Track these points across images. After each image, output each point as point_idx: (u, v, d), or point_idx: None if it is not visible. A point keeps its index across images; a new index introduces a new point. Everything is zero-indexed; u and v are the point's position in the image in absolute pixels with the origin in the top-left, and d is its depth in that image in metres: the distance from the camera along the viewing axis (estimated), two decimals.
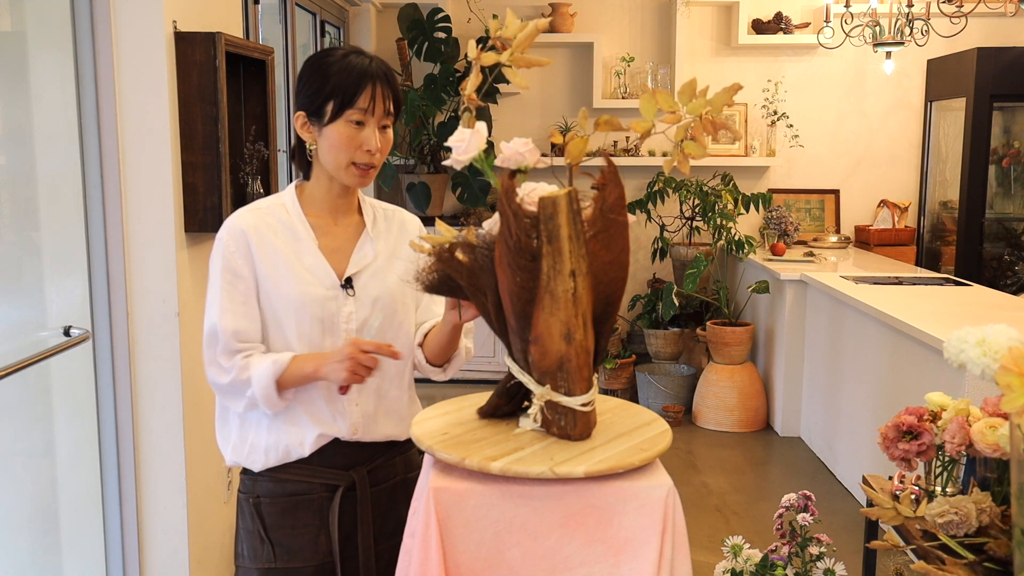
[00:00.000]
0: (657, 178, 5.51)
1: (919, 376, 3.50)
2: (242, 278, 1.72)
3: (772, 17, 5.84)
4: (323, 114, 1.70)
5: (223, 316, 1.70)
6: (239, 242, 1.73)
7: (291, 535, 1.78)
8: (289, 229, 1.76)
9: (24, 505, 2.59)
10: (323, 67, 1.72)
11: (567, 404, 1.40)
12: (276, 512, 1.79)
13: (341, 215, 1.81)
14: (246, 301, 1.72)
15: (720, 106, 1.33)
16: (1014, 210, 5.62)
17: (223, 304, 1.71)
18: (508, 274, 1.37)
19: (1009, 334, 1.41)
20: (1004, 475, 1.56)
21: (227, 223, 1.76)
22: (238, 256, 1.72)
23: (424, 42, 5.50)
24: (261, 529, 1.79)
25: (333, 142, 1.70)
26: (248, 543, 1.81)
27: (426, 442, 1.41)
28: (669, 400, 5.35)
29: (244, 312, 1.72)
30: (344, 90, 1.68)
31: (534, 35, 1.43)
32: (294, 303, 1.72)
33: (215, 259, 1.74)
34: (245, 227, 1.74)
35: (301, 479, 1.78)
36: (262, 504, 1.79)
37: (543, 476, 1.31)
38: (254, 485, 1.81)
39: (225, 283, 1.71)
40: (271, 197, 1.83)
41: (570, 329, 1.37)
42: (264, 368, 1.67)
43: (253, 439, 1.78)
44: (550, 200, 1.34)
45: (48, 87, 2.53)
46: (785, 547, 2.01)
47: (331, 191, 1.78)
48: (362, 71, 1.69)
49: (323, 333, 1.74)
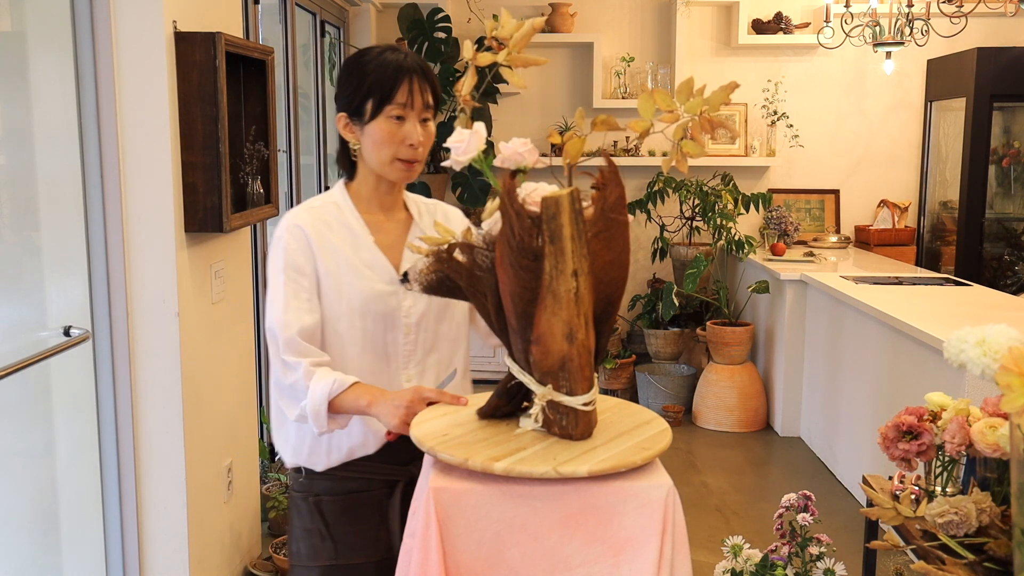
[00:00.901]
0: (657, 178, 5.51)
1: (919, 376, 3.50)
2: (305, 274, 1.74)
3: (772, 17, 5.84)
4: (363, 112, 1.73)
5: (287, 312, 1.71)
6: (299, 240, 1.74)
7: (352, 531, 1.79)
8: (345, 226, 1.79)
9: (24, 505, 2.59)
10: (360, 67, 1.75)
11: (569, 404, 1.40)
12: (337, 509, 1.80)
13: (390, 211, 1.84)
14: (310, 298, 1.73)
15: (717, 105, 1.32)
16: (1014, 210, 5.62)
17: (287, 301, 1.72)
18: (510, 274, 1.37)
19: (1009, 334, 1.41)
20: (1004, 475, 1.56)
21: (285, 222, 1.77)
22: (299, 253, 1.74)
23: (424, 42, 5.50)
24: (322, 526, 1.80)
25: (376, 139, 1.73)
26: (307, 541, 1.82)
27: (427, 444, 1.41)
28: (669, 400, 5.35)
29: (308, 308, 1.73)
30: (381, 86, 1.71)
31: (531, 34, 1.43)
32: (358, 299, 1.74)
33: (275, 257, 1.75)
34: (304, 225, 1.75)
35: (361, 476, 1.80)
36: (323, 502, 1.80)
37: (547, 476, 1.31)
38: (311, 483, 1.81)
39: (288, 280, 1.72)
40: (321, 196, 1.85)
41: (572, 329, 1.37)
42: (323, 384, 1.65)
43: (312, 442, 1.78)
44: (553, 200, 1.34)
45: (48, 87, 2.53)
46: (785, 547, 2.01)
47: (378, 189, 1.81)
48: (398, 66, 1.72)
49: (385, 328, 1.76)
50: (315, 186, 4.98)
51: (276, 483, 3.66)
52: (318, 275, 1.75)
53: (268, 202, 3.09)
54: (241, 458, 3.18)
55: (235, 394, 3.12)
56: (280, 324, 1.70)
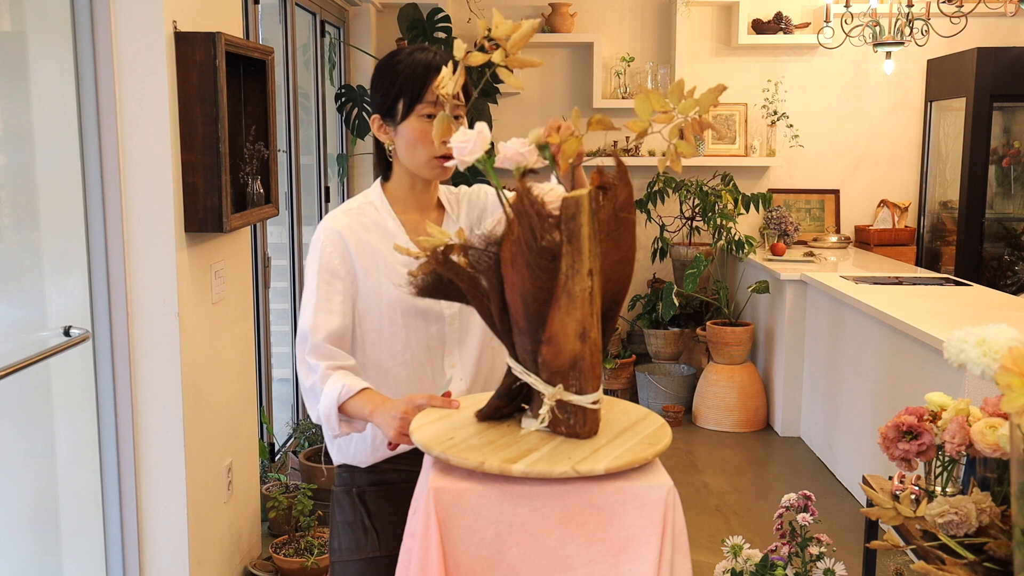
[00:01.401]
0: (657, 178, 5.51)
1: (919, 376, 3.50)
2: (339, 277, 1.76)
3: (772, 17, 5.84)
4: (395, 113, 1.75)
5: (316, 315, 1.73)
6: (336, 243, 1.77)
7: (395, 522, 1.80)
8: (382, 227, 1.81)
9: (24, 505, 2.59)
10: (390, 68, 1.77)
11: (578, 403, 1.40)
12: (380, 499, 1.83)
13: (427, 211, 1.86)
14: (344, 300, 1.75)
15: (707, 105, 1.33)
16: (1014, 210, 5.62)
17: (318, 303, 1.74)
18: (526, 275, 1.36)
19: (1009, 334, 1.41)
20: (1004, 475, 1.56)
21: (323, 225, 1.79)
22: (335, 256, 1.76)
23: (424, 42, 5.50)
24: (366, 518, 1.83)
25: (409, 139, 1.75)
26: (349, 535, 1.84)
27: (436, 448, 1.39)
28: (669, 400, 5.35)
29: (340, 311, 1.74)
30: (411, 85, 1.73)
31: (529, 36, 1.43)
32: (398, 298, 1.75)
33: (312, 260, 1.78)
34: (342, 228, 1.78)
35: (402, 468, 1.80)
36: (366, 493, 1.83)
37: (566, 476, 1.31)
38: (352, 477, 1.85)
39: (322, 282, 1.75)
40: (358, 197, 1.87)
41: (585, 328, 1.37)
42: (334, 389, 1.66)
43: (359, 437, 1.80)
44: (573, 200, 1.34)
45: (48, 87, 2.53)
46: (785, 547, 2.01)
47: (414, 188, 1.83)
48: (426, 64, 1.74)
49: (428, 323, 1.79)
50: (315, 186, 4.98)
51: (276, 483, 3.66)
52: (356, 277, 1.77)
53: (268, 202, 3.09)
54: (241, 458, 3.18)
55: (235, 394, 3.12)
56: (309, 327, 1.72)
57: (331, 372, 1.70)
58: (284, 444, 4.27)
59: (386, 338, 1.78)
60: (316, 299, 1.74)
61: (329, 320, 1.73)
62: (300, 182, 4.42)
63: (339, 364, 1.72)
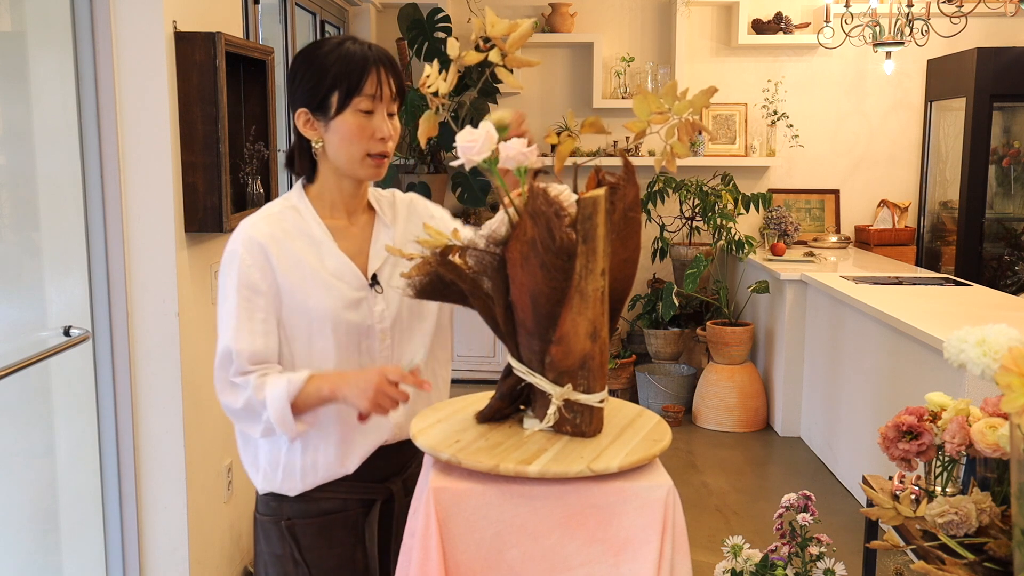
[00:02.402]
0: (657, 178, 5.51)
1: (919, 376, 3.50)
2: (260, 293, 1.61)
3: (772, 17, 5.84)
4: (328, 107, 1.61)
5: (238, 336, 1.59)
6: (256, 255, 1.62)
7: (327, 555, 1.69)
8: (306, 234, 1.66)
9: (24, 505, 2.59)
10: (319, 58, 1.63)
11: (585, 402, 1.41)
12: (312, 532, 1.68)
13: (355, 214, 1.73)
14: (265, 319, 1.61)
15: (699, 107, 1.34)
16: (1014, 210, 5.62)
17: (239, 323, 1.59)
18: (539, 275, 1.35)
19: (1009, 334, 1.41)
20: (1004, 475, 1.56)
21: (240, 235, 1.65)
22: (255, 270, 1.61)
23: (424, 42, 5.50)
24: (295, 551, 1.68)
25: (344, 135, 1.62)
26: (278, 568, 1.71)
27: (445, 452, 1.38)
28: (669, 400, 5.35)
29: (263, 330, 1.61)
30: (348, 78, 1.60)
31: (527, 36, 1.43)
32: (328, 312, 1.62)
33: (228, 274, 1.63)
34: (262, 238, 1.63)
35: (337, 496, 1.69)
36: (296, 526, 1.69)
37: (582, 475, 1.31)
38: (281, 506, 1.70)
39: (242, 300, 1.60)
40: (278, 201, 1.72)
41: (596, 327, 1.38)
42: (279, 389, 1.55)
43: (287, 463, 1.67)
44: (590, 200, 1.35)
45: (48, 87, 2.53)
46: (785, 547, 2.01)
47: (343, 190, 1.69)
48: (363, 57, 1.61)
49: (359, 337, 1.66)
50: None
51: None
52: (280, 292, 1.62)
53: (268, 202, 3.09)
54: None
55: None
56: (233, 349, 1.58)
57: (263, 380, 1.58)
58: None
59: (317, 355, 1.64)
60: (237, 319, 1.59)
61: (252, 341, 1.59)
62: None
63: (265, 371, 1.60)
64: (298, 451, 1.66)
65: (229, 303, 1.62)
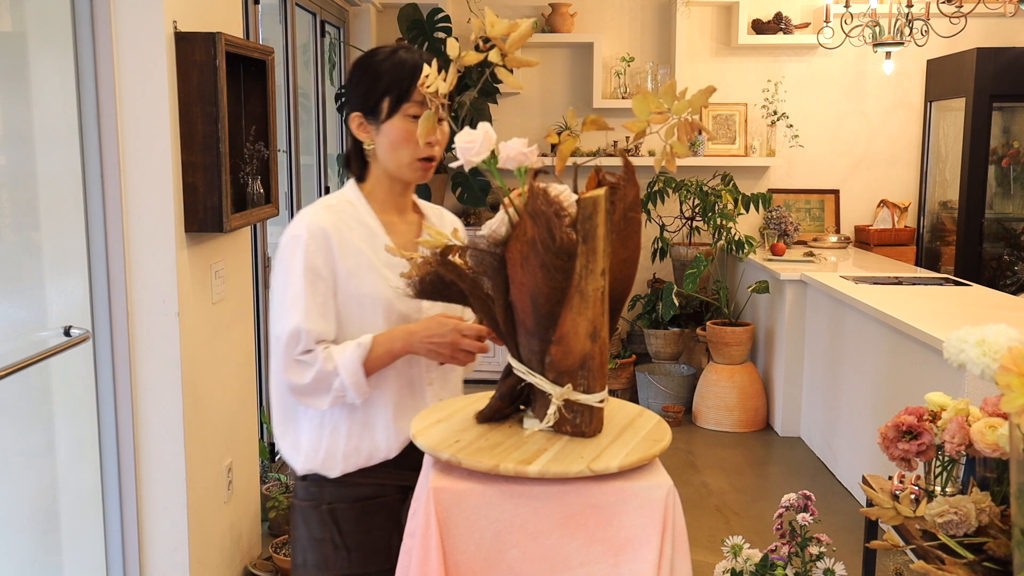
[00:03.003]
0: (657, 178, 5.51)
1: (919, 376, 3.50)
2: (322, 278, 1.71)
3: (772, 17, 5.84)
4: (379, 112, 1.72)
5: (308, 316, 1.68)
6: (320, 241, 1.71)
7: (366, 539, 1.76)
8: (363, 225, 1.77)
9: (24, 505, 2.59)
10: (373, 66, 1.73)
11: (585, 401, 1.41)
12: (352, 517, 1.76)
13: (403, 212, 1.84)
14: (325, 302, 1.71)
15: (698, 106, 1.34)
16: (1014, 210, 5.62)
17: (308, 305, 1.68)
18: (539, 275, 1.36)
19: (1009, 334, 1.41)
20: (1004, 475, 1.56)
21: (305, 221, 1.73)
22: (319, 255, 1.71)
23: (424, 42, 5.50)
24: (336, 535, 1.76)
25: (393, 139, 1.72)
26: (317, 552, 1.77)
27: (445, 452, 1.38)
28: (669, 400, 5.35)
29: (323, 312, 1.70)
30: (398, 85, 1.70)
31: (527, 36, 1.43)
32: (380, 298, 1.73)
33: (294, 258, 1.71)
34: (326, 225, 1.73)
35: (376, 482, 1.76)
36: (337, 510, 1.76)
37: (583, 475, 1.31)
38: (322, 491, 1.77)
39: (307, 283, 1.69)
40: (334, 195, 1.82)
41: (596, 327, 1.38)
42: (350, 353, 1.66)
43: (329, 447, 1.75)
44: (590, 200, 1.35)
45: (48, 87, 2.53)
46: (785, 547, 2.01)
47: (392, 189, 1.80)
48: (414, 64, 1.71)
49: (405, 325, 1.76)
50: (315, 186, 4.98)
51: (276, 483, 3.66)
52: (337, 277, 1.72)
53: (268, 202, 3.09)
54: (241, 458, 3.18)
55: (235, 394, 3.12)
56: (302, 328, 1.67)
57: (329, 351, 1.67)
58: None
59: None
60: (305, 300, 1.68)
61: (318, 322, 1.68)
62: (300, 182, 4.42)
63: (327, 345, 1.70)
64: (342, 436, 1.75)
65: (295, 285, 1.70)
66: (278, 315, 1.71)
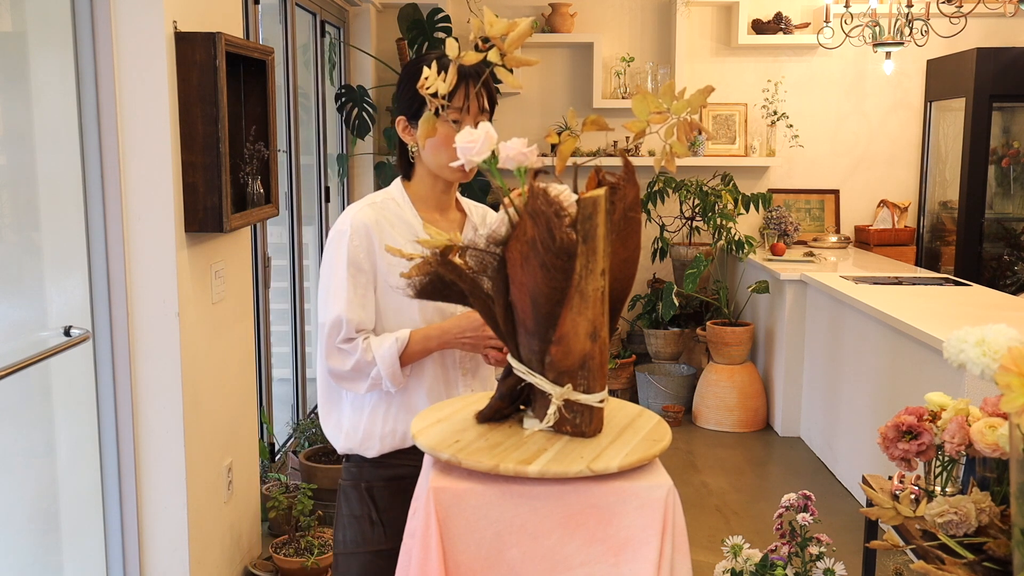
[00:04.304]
0: (657, 178, 5.51)
1: (919, 376, 3.50)
2: (364, 272, 1.84)
3: (772, 17, 5.84)
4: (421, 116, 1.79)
5: (350, 307, 1.82)
6: (362, 237, 1.84)
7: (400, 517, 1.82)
8: (405, 223, 1.88)
9: (24, 505, 2.59)
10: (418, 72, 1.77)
11: (585, 401, 1.41)
12: (388, 495, 1.90)
13: (445, 211, 1.94)
14: (366, 294, 1.84)
15: (696, 106, 1.35)
16: (1014, 210, 5.62)
17: (351, 296, 1.82)
18: (539, 275, 1.35)
19: (1009, 334, 1.41)
20: (1004, 475, 1.56)
21: (350, 218, 1.86)
22: (361, 250, 1.84)
23: (424, 42, 5.49)
24: (373, 511, 1.91)
25: (434, 142, 1.82)
26: (355, 528, 1.92)
27: (445, 452, 1.38)
28: (669, 400, 5.35)
29: (363, 304, 1.83)
30: None
31: (526, 35, 1.43)
32: None
33: (338, 252, 1.84)
34: (369, 222, 1.85)
35: (410, 463, 1.85)
36: (374, 488, 1.91)
37: (582, 475, 1.31)
38: (361, 471, 1.92)
39: (350, 276, 1.83)
40: (380, 193, 1.94)
41: (596, 327, 1.38)
42: (388, 347, 1.80)
43: (367, 427, 1.89)
44: (590, 200, 1.35)
45: (48, 87, 2.53)
46: (785, 547, 2.01)
47: (435, 188, 1.91)
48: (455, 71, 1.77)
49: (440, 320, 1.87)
50: (315, 186, 4.98)
51: (276, 483, 3.66)
52: (377, 272, 1.84)
53: (268, 202, 3.09)
54: (241, 458, 3.18)
55: (235, 394, 3.12)
56: (344, 318, 1.81)
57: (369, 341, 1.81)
58: (284, 444, 4.27)
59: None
60: (347, 291, 1.82)
61: (358, 313, 1.82)
62: (300, 182, 4.42)
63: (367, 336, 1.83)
64: (380, 418, 1.89)
65: (339, 277, 1.84)
66: (323, 304, 1.86)
